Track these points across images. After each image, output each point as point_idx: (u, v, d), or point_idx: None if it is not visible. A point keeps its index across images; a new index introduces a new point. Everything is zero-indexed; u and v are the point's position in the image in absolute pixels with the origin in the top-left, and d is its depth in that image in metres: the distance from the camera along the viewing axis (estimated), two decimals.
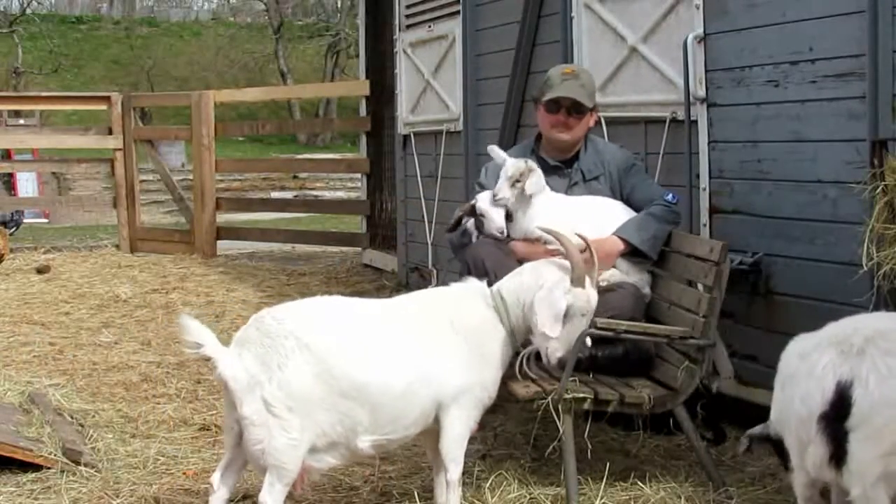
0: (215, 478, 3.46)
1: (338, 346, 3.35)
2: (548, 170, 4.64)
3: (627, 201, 4.58)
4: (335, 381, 3.30)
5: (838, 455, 3.11)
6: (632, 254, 4.40)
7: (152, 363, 6.34)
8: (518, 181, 4.39)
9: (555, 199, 4.53)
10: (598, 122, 4.85)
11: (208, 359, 3.31)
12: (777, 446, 3.61)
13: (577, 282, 3.60)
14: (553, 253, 4.31)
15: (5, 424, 4.56)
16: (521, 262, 4.30)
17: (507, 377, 3.86)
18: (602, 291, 4.31)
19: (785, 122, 4.56)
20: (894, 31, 3.95)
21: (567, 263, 3.65)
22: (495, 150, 4.61)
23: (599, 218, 4.45)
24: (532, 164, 4.47)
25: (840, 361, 3.14)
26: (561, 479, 3.89)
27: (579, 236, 4.32)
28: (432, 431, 3.55)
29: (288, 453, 3.28)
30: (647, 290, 4.42)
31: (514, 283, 3.69)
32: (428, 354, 3.47)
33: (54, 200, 16.96)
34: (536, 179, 4.41)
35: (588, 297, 3.63)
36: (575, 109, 4.60)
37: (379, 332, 3.47)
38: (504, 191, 4.39)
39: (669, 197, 4.56)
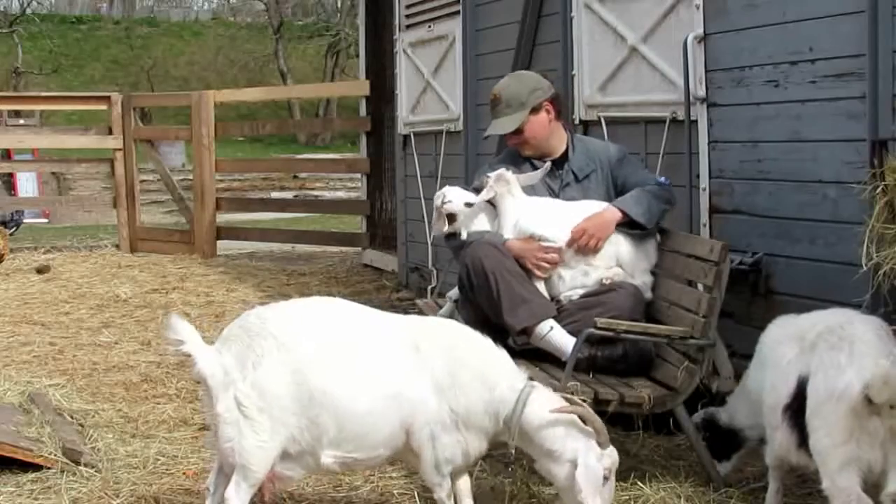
0: (210, 481, 3.45)
1: (314, 350, 3.31)
2: None
3: (621, 192, 4.56)
4: (306, 383, 3.26)
5: (806, 442, 3.31)
6: (629, 225, 4.39)
7: (152, 363, 6.34)
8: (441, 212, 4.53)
9: (539, 199, 4.54)
10: (597, 123, 4.81)
11: (188, 356, 3.29)
12: (718, 434, 3.97)
13: (605, 443, 3.39)
14: (547, 251, 4.32)
15: (5, 424, 4.56)
16: (517, 260, 4.31)
17: None
18: (602, 291, 4.34)
19: (785, 122, 4.57)
20: (894, 31, 3.95)
21: (589, 428, 3.41)
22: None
23: (582, 216, 4.45)
24: (448, 193, 4.56)
25: (800, 356, 3.40)
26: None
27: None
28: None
29: (255, 455, 3.26)
30: (648, 294, 4.41)
31: (539, 416, 3.43)
32: (405, 376, 3.36)
33: (54, 200, 16.96)
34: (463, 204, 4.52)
35: (613, 456, 3.42)
36: (513, 132, 4.59)
37: (363, 343, 3.39)
38: (438, 225, 4.58)
39: (662, 179, 4.60)
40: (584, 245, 4.34)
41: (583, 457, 3.34)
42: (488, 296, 4.23)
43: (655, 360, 4.25)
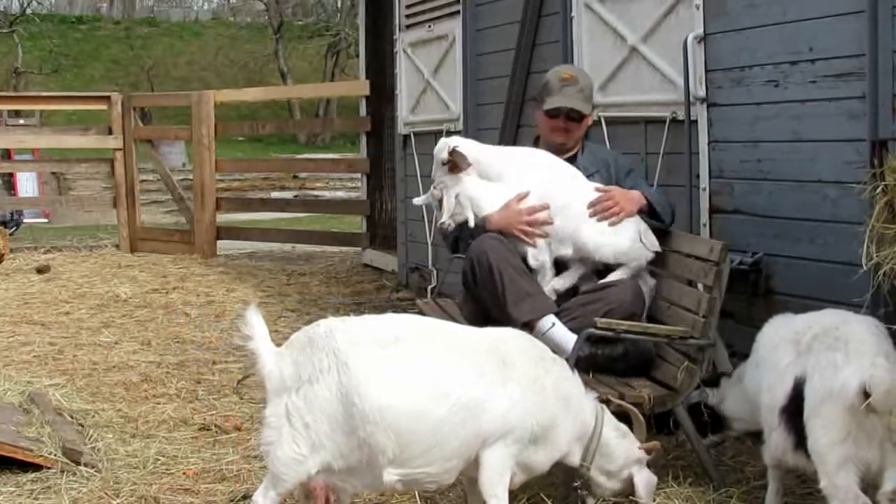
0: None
1: (375, 369, 3.20)
2: None
3: None
4: (361, 404, 3.15)
5: (803, 444, 3.34)
6: (649, 215, 4.47)
7: (152, 363, 6.34)
8: (445, 162, 4.50)
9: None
10: (597, 122, 4.86)
11: (253, 353, 3.28)
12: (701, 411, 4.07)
13: (654, 458, 3.73)
14: (531, 210, 4.36)
15: (5, 424, 4.56)
16: (504, 232, 4.35)
17: None
18: (602, 287, 4.34)
19: (785, 122, 4.57)
20: (894, 31, 3.95)
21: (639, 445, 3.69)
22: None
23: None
24: (454, 139, 4.61)
25: (796, 358, 3.44)
26: (561, 479, 3.89)
27: (599, 188, 4.42)
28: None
29: (290, 466, 3.21)
30: (649, 295, 4.43)
31: (610, 436, 3.62)
32: (485, 387, 3.28)
33: (54, 200, 16.94)
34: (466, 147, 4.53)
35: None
36: (574, 115, 4.64)
37: (435, 357, 3.29)
38: (438, 174, 4.54)
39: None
40: (607, 208, 4.36)
41: (639, 471, 3.63)
42: (492, 290, 4.23)
43: (655, 359, 4.25)
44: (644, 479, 3.64)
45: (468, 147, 4.57)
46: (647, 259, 4.41)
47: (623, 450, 3.62)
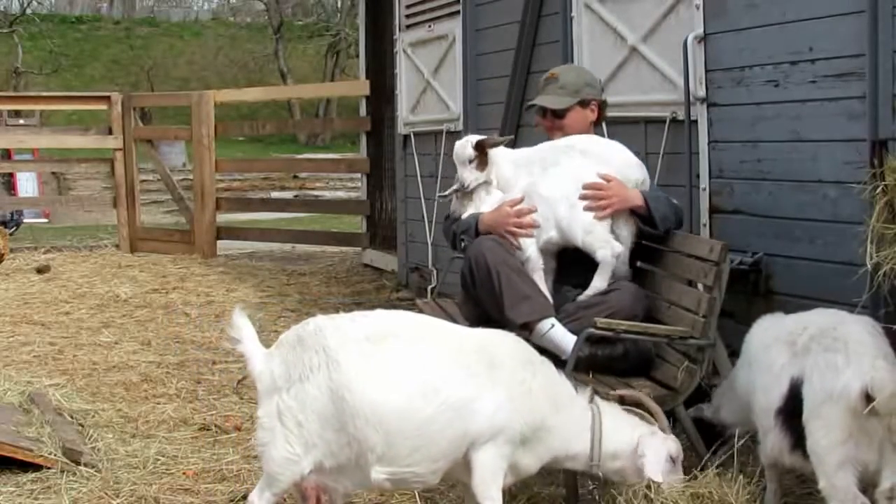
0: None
1: (365, 365, 3.20)
2: None
3: None
4: (351, 400, 3.16)
5: (800, 445, 3.33)
6: (642, 221, 4.37)
7: (152, 363, 6.35)
8: (472, 161, 4.46)
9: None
10: (600, 117, 4.77)
11: (242, 355, 3.30)
12: (702, 428, 4.02)
13: (665, 429, 3.60)
14: (520, 213, 4.33)
15: (5, 424, 4.56)
16: (492, 231, 4.34)
17: None
18: (603, 291, 4.34)
19: (785, 122, 4.57)
20: (894, 31, 3.95)
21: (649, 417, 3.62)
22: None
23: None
24: (470, 137, 4.56)
25: (792, 360, 3.43)
26: (561, 479, 3.89)
27: (602, 176, 4.33)
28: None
29: (284, 466, 3.22)
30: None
31: (611, 435, 3.53)
32: (473, 388, 3.28)
33: (54, 200, 16.94)
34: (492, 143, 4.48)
35: (677, 442, 3.61)
36: (555, 113, 4.61)
37: (425, 356, 3.29)
38: (466, 175, 4.48)
39: (674, 202, 4.60)
40: (598, 197, 4.29)
41: (644, 441, 3.49)
42: (490, 291, 4.23)
43: (655, 359, 4.24)
44: (650, 449, 3.49)
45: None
46: (615, 253, 4.30)
47: (624, 434, 3.53)
